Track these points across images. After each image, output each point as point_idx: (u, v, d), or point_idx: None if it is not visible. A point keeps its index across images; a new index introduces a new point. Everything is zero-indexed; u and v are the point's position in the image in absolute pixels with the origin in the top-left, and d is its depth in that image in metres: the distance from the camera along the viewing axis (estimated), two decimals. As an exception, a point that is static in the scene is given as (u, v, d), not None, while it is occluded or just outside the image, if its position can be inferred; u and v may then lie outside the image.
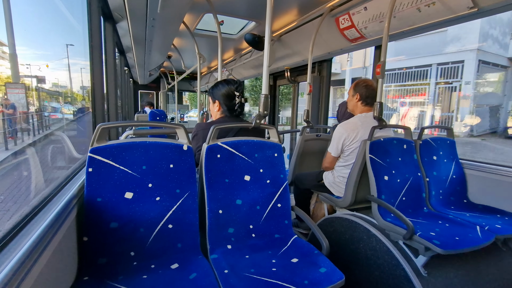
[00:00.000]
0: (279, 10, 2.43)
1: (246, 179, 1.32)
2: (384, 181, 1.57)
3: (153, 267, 1.05)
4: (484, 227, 1.39)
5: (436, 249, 1.17)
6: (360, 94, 1.85)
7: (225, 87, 1.52)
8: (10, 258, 0.57)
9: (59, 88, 12.72)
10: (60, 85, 13.01)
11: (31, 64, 9.83)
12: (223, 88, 1.52)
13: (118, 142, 1.11)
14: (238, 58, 4.31)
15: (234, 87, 1.51)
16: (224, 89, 1.52)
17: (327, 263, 1.06)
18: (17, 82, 5.62)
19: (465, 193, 1.85)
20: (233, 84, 1.52)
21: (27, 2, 5.32)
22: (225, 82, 1.54)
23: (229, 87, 1.51)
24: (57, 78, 14.24)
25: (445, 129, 2.07)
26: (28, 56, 12.17)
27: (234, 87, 1.51)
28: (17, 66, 6.06)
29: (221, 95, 1.52)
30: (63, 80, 13.72)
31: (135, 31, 2.39)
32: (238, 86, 1.53)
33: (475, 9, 1.51)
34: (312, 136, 2.46)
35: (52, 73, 16.07)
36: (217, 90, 1.54)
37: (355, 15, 2.08)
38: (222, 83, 1.54)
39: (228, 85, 1.52)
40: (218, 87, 1.54)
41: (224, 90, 1.52)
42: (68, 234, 0.90)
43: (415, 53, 11.78)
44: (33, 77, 8.77)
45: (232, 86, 1.51)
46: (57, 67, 14.43)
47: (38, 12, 9.23)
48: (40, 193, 0.98)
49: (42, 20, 13.11)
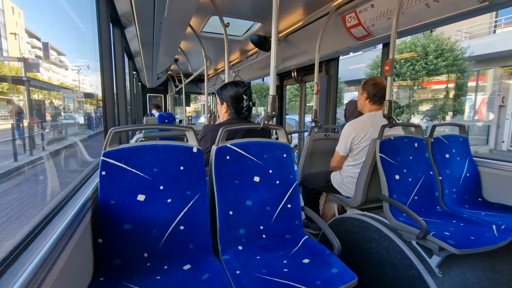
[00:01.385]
0: (285, 10, 2.43)
1: (255, 180, 1.32)
2: (395, 180, 1.55)
3: (166, 268, 1.06)
4: (500, 226, 1.35)
5: (451, 249, 1.14)
6: (368, 93, 1.83)
7: (234, 89, 1.51)
8: (31, 259, 0.59)
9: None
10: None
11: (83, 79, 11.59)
12: (231, 90, 1.52)
13: (129, 145, 1.13)
14: (245, 59, 4.33)
15: (242, 90, 1.51)
16: (233, 91, 1.51)
17: (339, 264, 1.06)
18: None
19: (480, 191, 1.80)
20: (241, 86, 1.52)
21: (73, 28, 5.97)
22: (233, 84, 1.53)
23: (238, 89, 1.51)
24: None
25: (457, 126, 2.03)
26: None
27: (242, 90, 1.51)
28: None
29: (229, 97, 1.52)
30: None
31: (143, 35, 2.43)
32: (246, 89, 1.52)
33: (486, 2, 1.47)
34: (321, 135, 2.44)
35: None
36: (226, 91, 1.54)
37: (361, 13, 2.06)
38: (230, 85, 1.53)
39: (236, 87, 1.51)
40: (227, 89, 1.54)
41: (233, 92, 1.51)
42: (84, 236, 0.93)
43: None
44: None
45: (240, 89, 1.51)
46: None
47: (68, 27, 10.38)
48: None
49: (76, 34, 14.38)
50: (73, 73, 11.29)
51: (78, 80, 9.50)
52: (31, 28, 11.13)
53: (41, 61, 8.58)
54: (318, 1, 2.23)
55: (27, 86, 8.28)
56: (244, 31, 3.30)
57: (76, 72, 10.66)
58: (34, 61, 8.41)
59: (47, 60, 8.76)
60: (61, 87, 7.78)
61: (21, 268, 0.57)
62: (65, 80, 11.00)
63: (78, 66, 16.56)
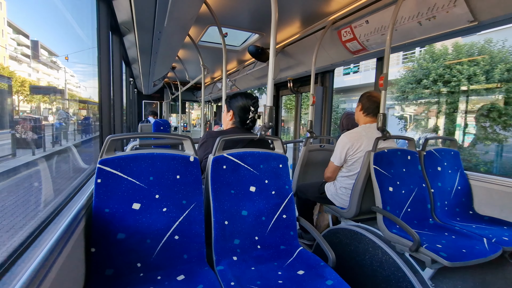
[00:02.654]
0: (282, 23, 2.49)
1: (251, 190, 1.33)
2: (388, 192, 1.57)
3: (159, 279, 1.05)
4: (491, 239, 1.38)
5: (443, 261, 1.16)
6: (363, 105, 1.89)
7: (243, 100, 1.57)
8: (22, 272, 0.58)
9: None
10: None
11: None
12: (241, 100, 1.58)
13: (126, 153, 1.12)
14: (242, 69, 4.38)
15: (251, 102, 1.57)
16: (242, 102, 1.57)
17: (334, 276, 1.06)
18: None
19: (471, 204, 1.84)
20: (251, 99, 1.58)
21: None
22: (244, 95, 1.60)
23: (247, 101, 1.57)
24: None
25: (448, 140, 2.08)
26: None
27: (251, 102, 1.57)
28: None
29: (237, 106, 1.58)
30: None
31: (141, 43, 2.45)
32: (255, 102, 1.59)
33: (475, 22, 1.54)
34: (316, 146, 2.47)
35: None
36: (235, 101, 1.59)
37: (357, 28, 2.12)
38: (241, 96, 1.59)
39: (246, 99, 1.58)
40: (237, 99, 1.59)
41: (241, 103, 1.57)
42: (77, 245, 0.91)
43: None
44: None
45: (250, 101, 1.57)
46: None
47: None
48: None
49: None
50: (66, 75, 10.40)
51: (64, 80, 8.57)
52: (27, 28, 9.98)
53: (29, 60, 7.63)
54: (315, 16, 2.30)
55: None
56: (242, 41, 3.36)
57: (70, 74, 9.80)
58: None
59: (36, 60, 7.88)
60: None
61: (12, 280, 0.56)
62: (57, 83, 9.68)
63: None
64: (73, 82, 12.10)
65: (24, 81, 6.37)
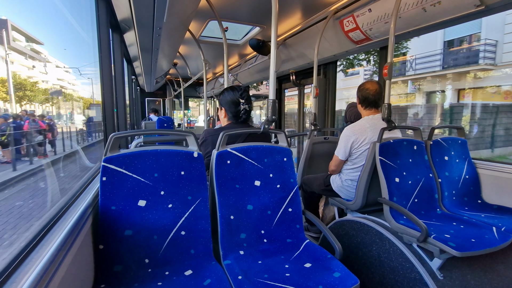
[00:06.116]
0: (283, 15, 2.45)
1: (256, 184, 1.32)
2: (395, 183, 1.56)
3: (167, 274, 1.06)
4: (500, 228, 1.36)
5: (452, 251, 1.15)
6: (359, 97, 1.85)
7: (230, 94, 1.54)
8: (32, 270, 0.59)
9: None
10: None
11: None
12: (228, 95, 1.54)
13: (130, 151, 1.13)
14: (243, 63, 4.35)
15: (238, 94, 1.53)
16: (230, 96, 1.54)
17: (341, 268, 1.05)
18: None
19: (479, 193, 1.81)
20: (238, 90, 1.54)
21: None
22: (230, 89, 1.56)
23: (234, 94, 1.53)
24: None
25: (456, 129, 2.04)
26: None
27: (238, 94, 1.53)
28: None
29: (227, 102, 1.54)
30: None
31: (142, 40, 2.44)
32: (242, 92, 1.54)
33: (482, 6, 1.49)
34: (320, 139, 2.45)
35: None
36: (223, 97, 1.56)
37: (359, 17, 2.08)
38: (227, 90, 1.56)
39: (233, 92, 1.54)
40: (224, 94, 1.56)
41: (229, 97, 1.53)
42: (85, 243, 0.92)
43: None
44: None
45: (237, 93, 1.53)
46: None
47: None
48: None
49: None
50: (60, 71, 9.09)
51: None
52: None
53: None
54: (316, 6, 2.25)
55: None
56: (243, 35, 3.33)
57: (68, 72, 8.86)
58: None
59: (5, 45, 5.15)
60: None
61: (22, 278, 0.56)
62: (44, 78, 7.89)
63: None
64: (68, 79, 10.78)
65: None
